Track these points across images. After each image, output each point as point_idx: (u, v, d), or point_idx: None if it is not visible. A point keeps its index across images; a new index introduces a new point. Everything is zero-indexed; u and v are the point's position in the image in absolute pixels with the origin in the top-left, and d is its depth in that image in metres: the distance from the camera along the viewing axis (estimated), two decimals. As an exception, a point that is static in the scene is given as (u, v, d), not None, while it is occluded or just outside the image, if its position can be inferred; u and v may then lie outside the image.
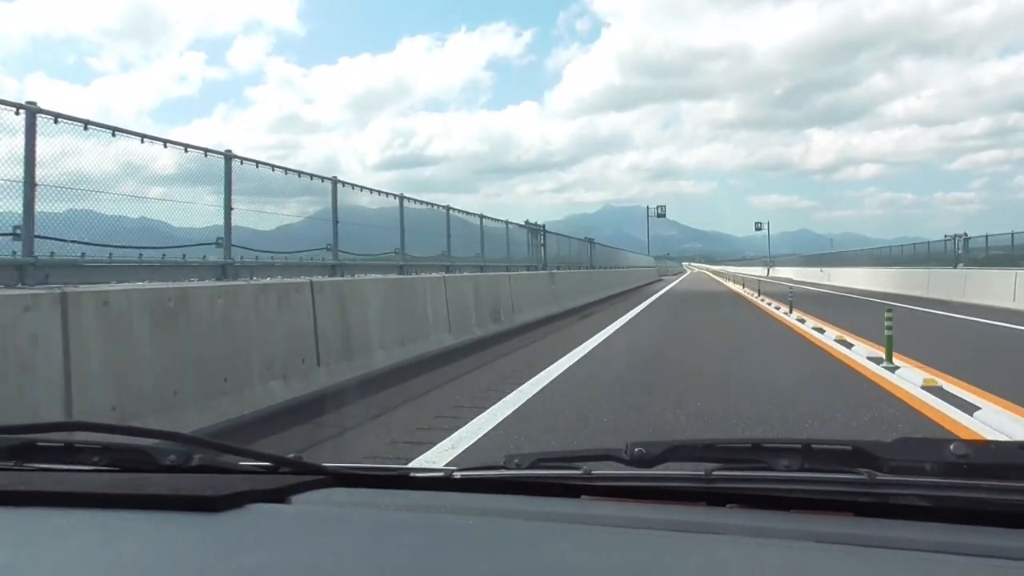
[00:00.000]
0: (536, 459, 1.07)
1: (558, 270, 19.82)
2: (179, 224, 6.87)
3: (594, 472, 1.01)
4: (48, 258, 4.93)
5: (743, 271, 56.69)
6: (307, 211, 9.30)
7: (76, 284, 4.58)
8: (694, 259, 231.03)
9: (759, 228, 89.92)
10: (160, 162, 6.49)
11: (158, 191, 6.84)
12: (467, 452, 4.28)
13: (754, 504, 0.94)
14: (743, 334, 11.80)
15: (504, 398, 6.02)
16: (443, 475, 1.09)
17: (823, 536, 0.82)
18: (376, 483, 1.10)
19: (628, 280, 33.57)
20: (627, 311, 16.91)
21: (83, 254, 5.30)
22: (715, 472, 0.96)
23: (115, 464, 1.09)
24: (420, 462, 4.03)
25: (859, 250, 50.56)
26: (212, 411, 4.76)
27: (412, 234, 12.63)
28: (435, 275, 9.98)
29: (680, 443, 1.03)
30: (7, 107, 4.55)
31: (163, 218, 6.88)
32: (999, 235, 23.93)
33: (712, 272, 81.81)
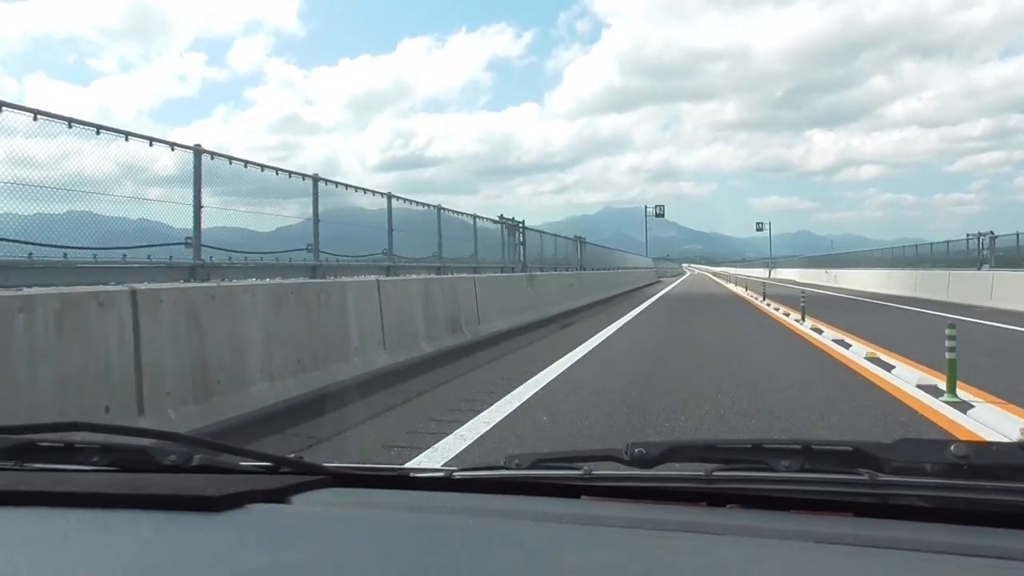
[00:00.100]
0: (536, 459, 1.07)
1: (541, 272, 18.34)
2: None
3: (594, 472, 1.01)
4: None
5: (743, 273, 55.88)
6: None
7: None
8: (694, 260, 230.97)
9: (760, 229, 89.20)
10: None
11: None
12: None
13: (754, 504, 0.94)
14: (751, 346, 10.07)
15: (414, 459, 4.07)
16: (443, 475, 1.09)
17: (824, 537, 0.82)
18: (376, 483, 1.10)
19: (623, 283, 31.72)
20: (618, 318, 15.04)
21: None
22: (715, 472, 0.96)
23: (115, 464, 1.09)
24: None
25: (865, 251, 48.47)
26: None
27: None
28: (367, 278, 8.10)
29: (680, 443, 1.03)
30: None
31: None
32: (1007, 235, 23.30)
33: (712, 274, 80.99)
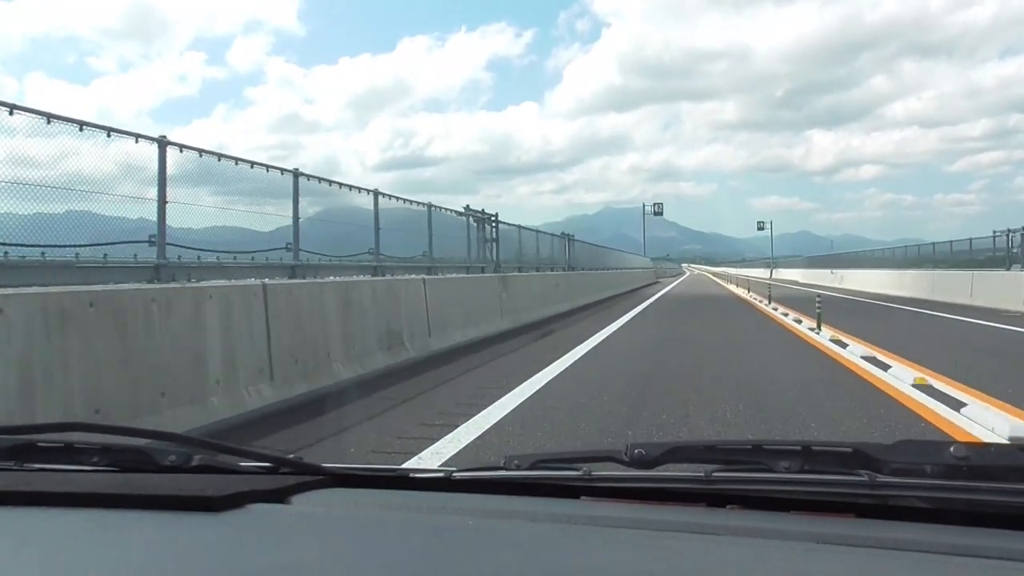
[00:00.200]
0: (536, 460, 1.07)
1: (519, 272, 16.26)
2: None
3: (594, 473, 1.01)
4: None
5: (744, 273, 55.32)
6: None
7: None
8: (694, 260, 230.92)
9: (761, 228, 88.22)
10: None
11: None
12: None
13: (754, 505, 0.94)
14: (763, 366, 7.68)
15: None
16: (443, 476, 1.09)
17: (823, 537, 0.82)
18: (376, 483, 1.10)
19: (617, 284, 29.65)
20: (606, 325, 13.01)
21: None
22: (715, 473, 0.96)
23: (115, 464, 1.09)
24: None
25: (870, 250, 45.99)
26: None
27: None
28: (250, 282, 5.79)
29: (680, 444, 1.03)
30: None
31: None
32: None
33: (712, 274, 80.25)
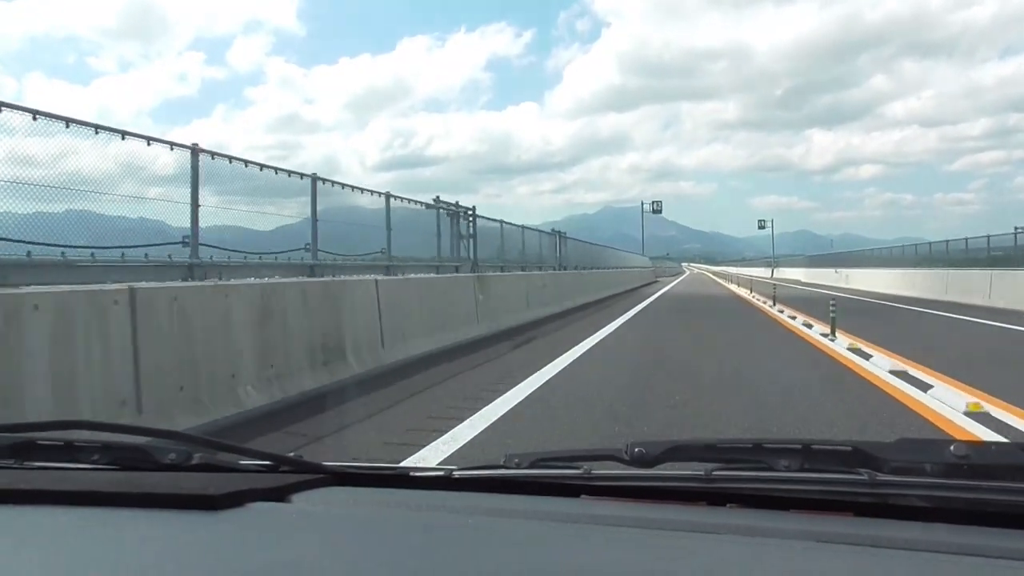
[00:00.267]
0: (536, 459, 1.07)
1: (501, 272, 14.74)
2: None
3: (594, 472, 1.01)
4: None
5: (745, 272, 54.34)
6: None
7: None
8: (694, 260, 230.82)
9: (762, 226, 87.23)
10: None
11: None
12: None
13: (754, 504, 0.94)
14: (778, 387, 6.26)
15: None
16: (443, 474, 1.09)
17: (823, 536, 0.82)
18: (376, 482, 1.10)
19: (614, 284, 28.40)
20: (596, 331, 11.73)
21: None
22: (715, 472, 0.96)
23: (115, 462, 1.09)
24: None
25: (875, 249, 44.09)
26: None
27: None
28: (99, 287, 4.43)
29: (680, 443, 1.03)
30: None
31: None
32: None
33: (712, 273, 79.51)
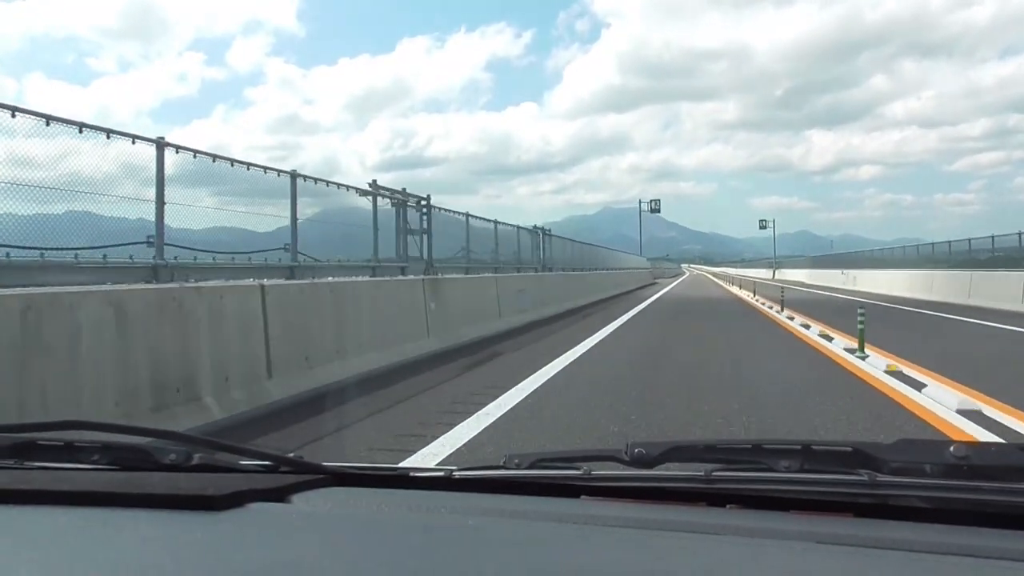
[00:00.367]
0: (536, 459, 1.07)
1: (464, 275, 12.92)
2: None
3: (594, 472, 1.01)
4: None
5: (746, 273, 53.21)
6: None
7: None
8: (693, 260, 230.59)
9: (764, 226, 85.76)
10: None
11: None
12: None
13: (754, 505, 0.94)
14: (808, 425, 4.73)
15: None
16: (443, 475, 1.09)
17: (823, 537, 0.82)
18: (376, 483, 1.10)
19: (606, 286, 26.02)
20: (577, 343, 9.67)
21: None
22: (715, 473, 0.96)
23: (115, 463, 1.09)
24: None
25: (884, 248, 41.80)
26: None
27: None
28: None
29: (680, 443, 1.03)
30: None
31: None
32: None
33: (711, 274, 78.73)
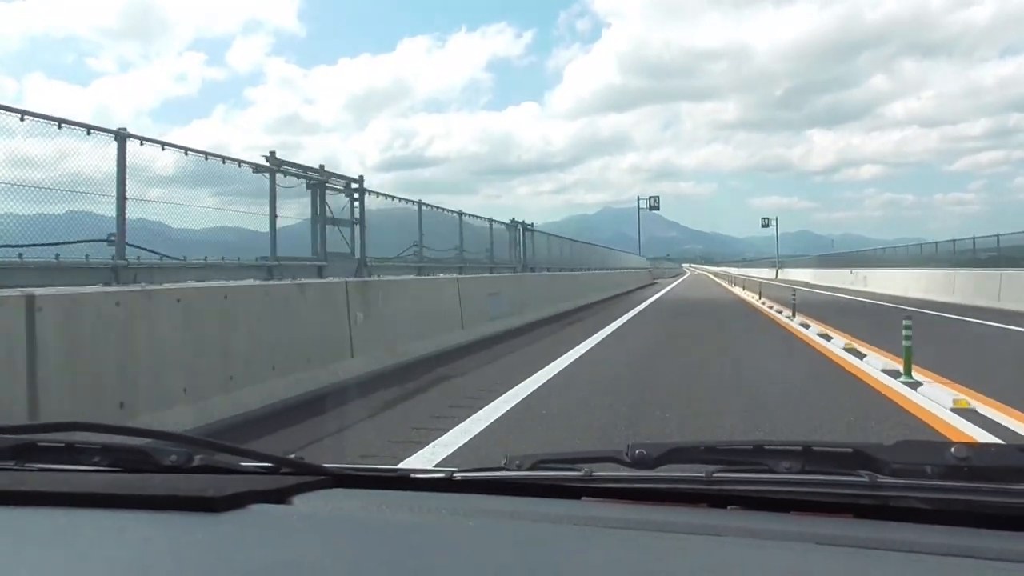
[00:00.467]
0: (537, 460, 1.07)
1: (417, 275, 11.19)
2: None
3: (595, 473, 1.01)
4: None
5: (748, 273, 52.19)
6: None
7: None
8: (694, 260, 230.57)
9: (766, 225, 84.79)
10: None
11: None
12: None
13: (755, 506, 0.94)
14: None
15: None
16: (443, 476, 1.09)
17: (824, 538, 0.82)
18: (376, 484, 1.10)
19: (599, 288, 24.18)
20: (555, 357, 8.18)
21: None
22: (716, 474, 0.96)
23: (115, 464, 1.09)
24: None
25: (890, 248, 39.72)
26: None
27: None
28: None
29: (681, 445, 1.03)
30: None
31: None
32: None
33: (713, 274, 78.06)
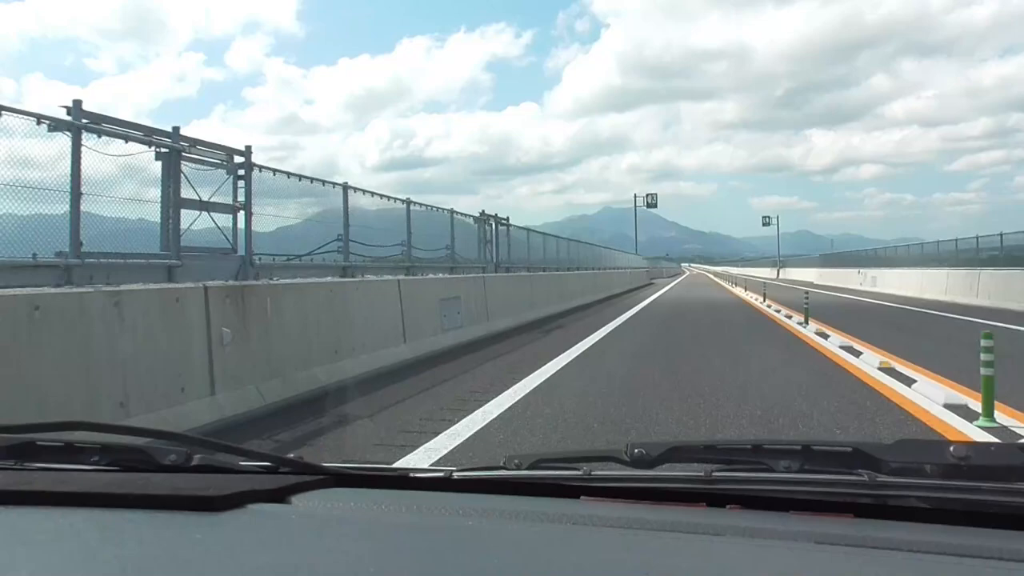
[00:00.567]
0: (536, 460, 1.07)
1: (341, 276, 9.00)
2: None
3: (594, 473, 1.01)
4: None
5: (750, 273, 50.86)
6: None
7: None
8: (693, 260, 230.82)
9: (767, 223, 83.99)
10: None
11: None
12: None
13: (754, 505, 0.94)
14: None
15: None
16: (443, 476, 1.09)
17: (823, 537, 0.82)
18: (376, 483, 1.10)
19: (588, 290, 21.83)
20: (496, 395, 6.09)
21: None
22: (715, 473, 0.96)
23: (115, 464, 1.09)
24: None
25: (904, 246, 36.45)
26: None
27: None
28: None
29: (680, 444, 1.03)
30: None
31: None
32: None
33: (713, 274, 76.72)
